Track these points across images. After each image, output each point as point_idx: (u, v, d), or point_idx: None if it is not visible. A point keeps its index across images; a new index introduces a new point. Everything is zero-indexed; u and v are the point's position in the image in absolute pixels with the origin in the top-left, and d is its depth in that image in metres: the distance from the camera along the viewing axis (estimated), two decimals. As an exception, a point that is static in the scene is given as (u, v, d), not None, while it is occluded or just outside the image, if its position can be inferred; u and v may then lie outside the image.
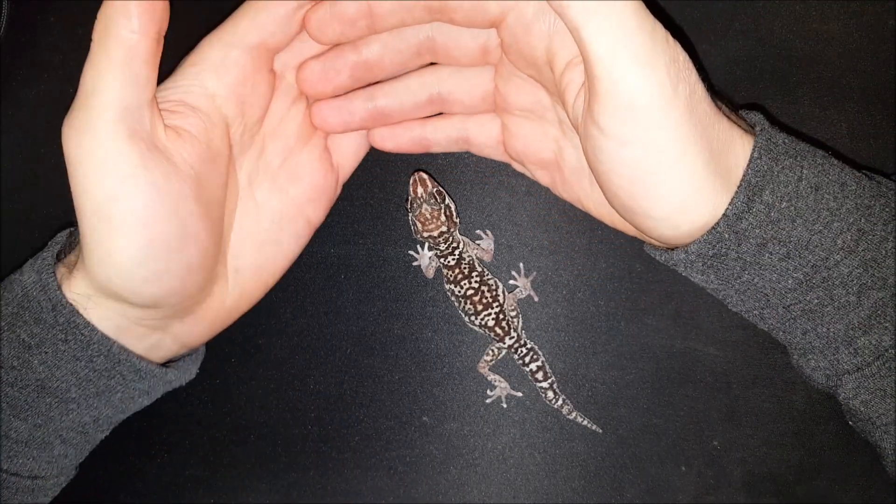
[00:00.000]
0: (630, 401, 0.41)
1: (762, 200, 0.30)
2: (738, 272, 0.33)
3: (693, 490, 0.40)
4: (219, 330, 0.38)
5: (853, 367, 0.32)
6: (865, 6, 0.41)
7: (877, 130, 0.41)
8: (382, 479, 0.41)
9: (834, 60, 0.41)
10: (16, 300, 0.33)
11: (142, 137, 0.29)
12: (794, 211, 0.31)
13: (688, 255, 0.32)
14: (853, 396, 0.33)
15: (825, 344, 0.33)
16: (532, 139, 0.37)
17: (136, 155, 0.29)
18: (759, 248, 0.31)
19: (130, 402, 0.35)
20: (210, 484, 0.42)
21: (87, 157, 0.29)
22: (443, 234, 0.40)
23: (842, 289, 0.31)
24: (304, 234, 0.39)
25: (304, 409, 0.42)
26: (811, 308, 0.32)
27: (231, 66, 0.33)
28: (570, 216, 0.41)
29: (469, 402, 0.42)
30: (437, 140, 0.39)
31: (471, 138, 0.39)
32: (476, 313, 0.41)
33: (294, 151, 0.38)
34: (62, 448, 0.35)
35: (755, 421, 0.40)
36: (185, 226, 0.31)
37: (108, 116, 0.29)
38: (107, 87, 0.29)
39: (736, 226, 0.31)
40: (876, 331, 0.31)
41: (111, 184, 0.29)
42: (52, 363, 0.32)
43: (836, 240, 0.31)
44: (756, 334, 0.40)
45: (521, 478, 0.41)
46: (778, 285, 0.32)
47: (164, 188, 0.30)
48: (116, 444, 0.41)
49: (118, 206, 0.29)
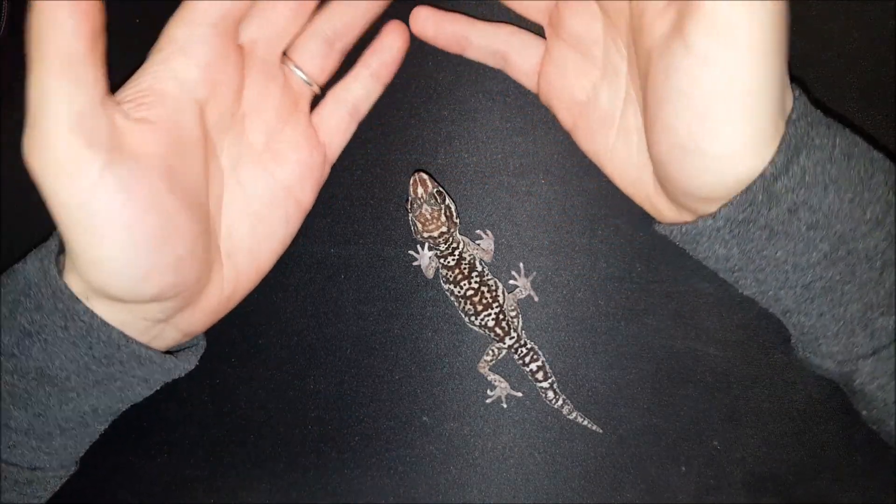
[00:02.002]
0: (630, 401, 0.41)
1: (799, 163, 0.30)
2: (762, 244, 0.32)
3: (693, 490, 0.40)
4: (219, 317, 0.38)
5: (870, 349, 0.32)
6: (865, 6, 0.41)
7: (877, 130, 0.41)
8: (382, 479, 0.41)
9: (834, 60, 0.41)
10: (18, 288, 0.33)
11: (101, 140, 0.29)
12: (828, 177, 0.30)
13: (715, 221, 0.32)
14: (869, 381, 0.32)
15: (841, 327, 0.32)
16: (571, 72, 0.36)
17: (98, 160, 0.29)
18: (789, 215, 0.31)
19: (130, 390, 0.35)
20: (210, 484, 0.42)
21: (50, 171, 0.29)
22: (443, 234, 0.40)
23: (865, 264, 0.31)
24: (296, 217, 0.39)
25: (304, 409, 0.42)
26: (831, 286, 0.32)
27: (198, 45, 0.32)
28: (570, 216, 0.41)
29: (469, 402, 0.42)
30: (478, 45, 0.38)
31: (510, 56, 0.38)
32: (476, 314, 0.41)
33: (276, 130, 0.37)
34: (62, 439, 0.35)
35: (755, 421, 0.40)
36: (164, 220, 0.31)
37: (62, 128, 0.28)
38: (53, 97, 0.28)
39: (771, 187, 0.30)
40: (894, 312, 0.31)
41: (79, 194, 0.29)
42: (52, 350, 0.32)
43: (865, 210, 0.31)
44: (756, 334, 0.40)
45: (521, 478, 0.41)
46: (801, 258, 0.32)
47: (135, 187, 0.30)
48: (117, 443, 0.41)
49: (91, 214, 0.29)
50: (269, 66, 0.36)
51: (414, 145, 0.42)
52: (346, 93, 0.39)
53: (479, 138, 0.42)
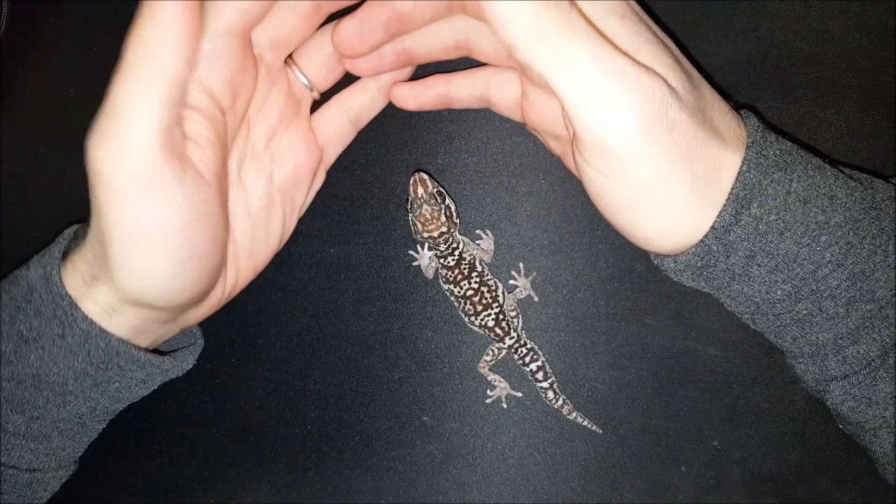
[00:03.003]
0: (630, 401, 0.41)
1: (750, 213, 0.31)
2: (727, 282, 0.33)
3: (693, 490, 0.40)
4: (214, 311, 0.38)
5: (840, 374, 0.33)
6: (865, 6, 0.41)
7: (877, 130, 0.41)
8: (382, 479, 0.41)
9: (834, 60, 0.41)
10: (20, 294, 0.33)
11: (177, 156, 0.29)
12: (783, 224, 0.31)
13: (677, 265, 0.33)
14: (840, 402, 0.33)
15: (814, 350, 0.33)
16: (548, 111, 0.37)
17: (173, 176, 0.29)
18: (747, 261, 0.32)
19: (128, 391, 0.35)
20: (210, 484, 0.42)
21: (125, 181, 0.28)
22: (443, 234, 0.40)
23: (830, 301, 0.32)
24: (291, 218, 0.39)
25: (304, 409, 0.42)
26: (800, 318, 0.33)
27: (223, 56, 0.32)
28: (570, 216, 0.41)
29: (469, 402, 0.42)
30: (460, 97, 0.38)
31: (492, 97, 0.38)
32: (476, 314, 0.41)
33: (277, 133, 0.37)
34: (60, 440, 0.35)
35: (755, 421, 0.40)
36: (215, 233, 0.32)
37: (149, 141, 0.28)
38: (148, 111, 0.28)
39: (724, 238, 0.31)
40: (864, 341, 0.32)
41: (152, 209, 0.29)
42: (49, 358, 0.32)
43: (824, 253, 0.31)
44: (756, 334, 0.40)
45: (521, 478, 0.41)
46: (767, 296, 0.33)
47: (197, 202, 0.30)
48: (117, 443, 0.41)
49: (157, 229, 0.29)
50: (275, 71, 0.36)
51: (414, 145, 0.42)
52: (352, 101, 0.39)
53: (479, 138, 0.42)
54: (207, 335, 0.41)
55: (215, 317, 0.42)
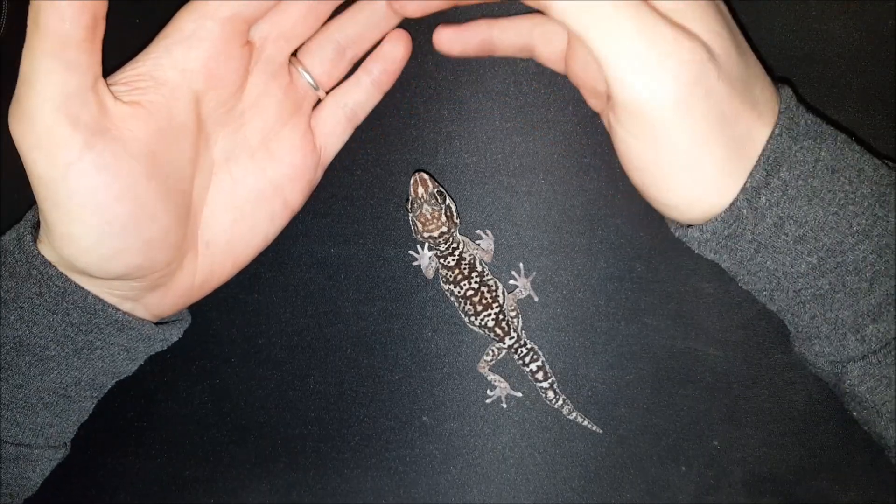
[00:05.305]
0: (630, 401, 0.41)
1: (780, 176, 0.30)
2: (751, 254, 0.32)
3: (693, 490, 0.40)
4: (190, 303, 0.38)
5: (860, 354, 0.32)
6: (865, 6, 0.41)
7: (877, 130, 0.41)
8: (382, 479, 0.42)
9: (834, 60, 0.41)
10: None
11: (86, 122, 0.29)
12: (811, 190, 0.31)
13: (702, 234, 0.32)
14: (858, 383, 0.33)
15: (832, 330, 0.33)
16: (592, 66, 0.36)
17: (78, 141, 0.29)
18: (775, 229, 0.31)
19: (111, 360, 0.35)
20: (210, 484, 0.42)
21: (33, 146, 0.29)
22: (443, 234, 0.40)
23: (854, 275, 0.31)
24: (281, 216, 0.39)
25: (304, 409, 0.42)
26: (822, 293, 0.32)
27: (202, 39, 0.32)
28: (570, 216, 0.41)
29: (469, 402, 0.42)
30: (504, 45, 0.38)
31: (536, 47, 0.38)
32: (476, 314, 0.41)
33: (274, 129, 0.37)
34: (46, 415, 0.35)
35: (755, 421, 0.40)
36: (138, 205, 0.32)
37: (48, 106, 0.29)
38: (43, 77, 0.29)
39: (755, 201, 0.31)
40: (885, 319, 0.31)
41: (56, 171, 0.30)
42: (29, 318, 0.33)
43: (851, 222, 0.31)
44: (756, 334, 0.40)
45: (521, 478, 0.41)
46: (791, 269, 0.32)
47: (114, 170, 0.30)
48: (116, 444, 0.41)
49: (66, 192, 0.30)
50: (276, 66, 0.36)
51: (414, 145, 0.42)
52: (347, 97, 0.39)
53: (479, 138, 0.42)
54: (207, 335, 0.41)
55: (215, 317, 0.42)
